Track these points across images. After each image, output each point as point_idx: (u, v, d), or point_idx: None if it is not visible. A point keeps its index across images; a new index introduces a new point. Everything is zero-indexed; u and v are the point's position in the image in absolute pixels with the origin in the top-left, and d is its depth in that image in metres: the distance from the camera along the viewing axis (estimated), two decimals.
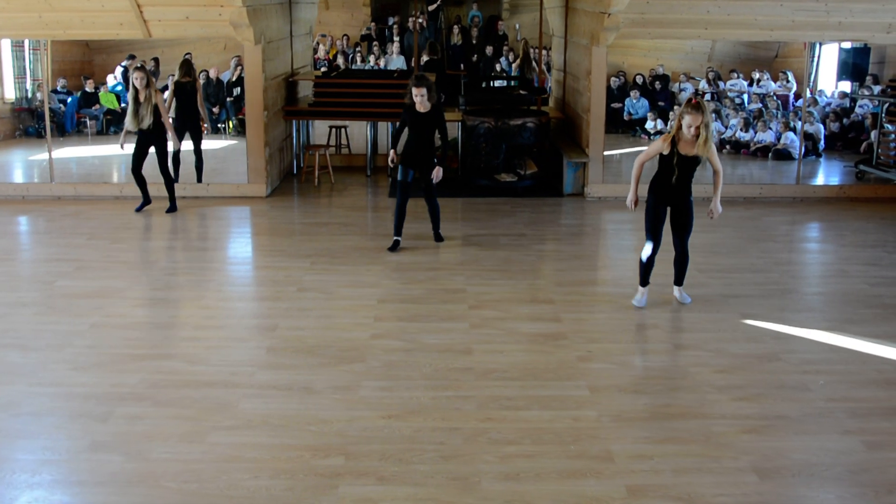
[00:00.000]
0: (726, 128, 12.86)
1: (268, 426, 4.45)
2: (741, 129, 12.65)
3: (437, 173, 7.62)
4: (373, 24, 17.25)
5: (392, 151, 7.76)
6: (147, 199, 9.16)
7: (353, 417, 4.54)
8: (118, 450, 4.19)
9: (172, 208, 9.05)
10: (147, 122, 8.66)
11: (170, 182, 9.06)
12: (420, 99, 7.41)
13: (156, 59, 13.58)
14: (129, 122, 8.76)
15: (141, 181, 9.05)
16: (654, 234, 6.12)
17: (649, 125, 13.80)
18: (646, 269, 6.25)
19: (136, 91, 8.63)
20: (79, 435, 4.34)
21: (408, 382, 4.98)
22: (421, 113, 7.50)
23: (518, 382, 4.99)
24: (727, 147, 12.68)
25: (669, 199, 6.03)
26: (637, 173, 6.05)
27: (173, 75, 10.01)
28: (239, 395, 4.80)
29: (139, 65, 8.87)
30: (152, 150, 8.85)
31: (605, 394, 4.88)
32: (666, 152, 5.93)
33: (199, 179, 9.87)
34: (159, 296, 6.55)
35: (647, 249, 6.16)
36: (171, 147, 8.90)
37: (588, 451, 4.22)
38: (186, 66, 9.75)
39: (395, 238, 7.76)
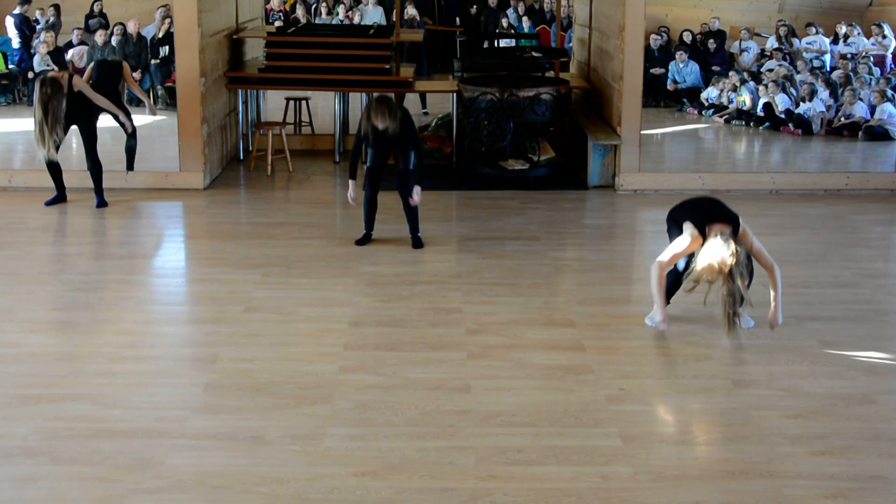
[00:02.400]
0: (801, 100, 12.88)
1: (205, 487, 4.44)
2: (806, 99, 12.65)
3: (417, 194, 7.83)
4: None
5: (351, 185, 7.93)
6: (61, 194, 9.19)
7: (315, 475, 4.54)
8: None
9: (102, 203, 9.10)
10: (58, 144, 8.81)
11: (97, 170, 9.11)
12: (383, 125, 7.59)
13: (56, 7, 13.59)
14: (38, 148, 8.77)
15: (55, 169, 9.08)
16: (678, 257, 6.15)
17: (709, 95, 13.79)
18: (669, 287, 6.28)
19: (47, 101, 8.62)
20: None
21: (387, 429, 4.99)
22: (383, 130, 7.67)
23: (529, 429, 5.00)
24: (790, 126, 12.66)
25: None
26: (661, 283, 6.09)
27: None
28: (167, 446, 4.79)
29: (49, 76, 8.81)
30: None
31: (642, 444, 4.88)
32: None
33: (130, 166, 9.89)
34: (61, 318, 6.54)
35: (675, 266, 6.21)
36: (127, 125, 9.11)
37: None
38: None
39: (366, 231, 8.09)
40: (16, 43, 13.90)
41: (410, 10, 14.93)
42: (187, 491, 4.41)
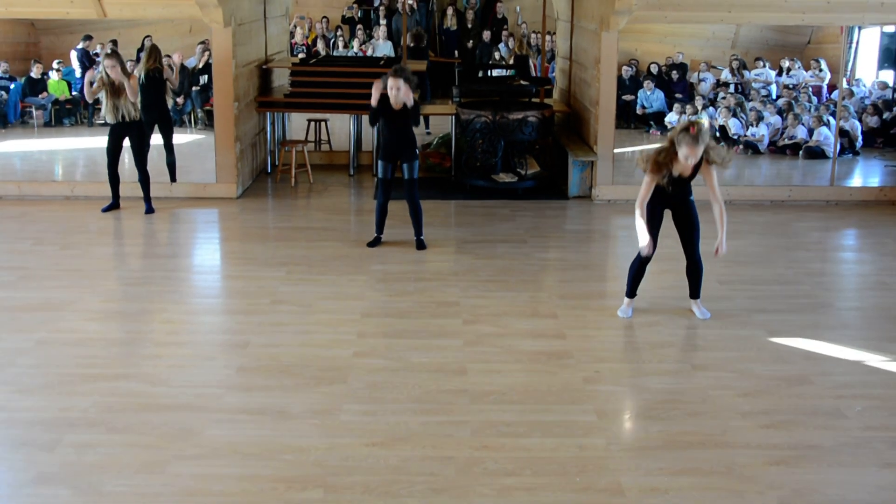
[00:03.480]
0: (751, 124, 12.86)
1: (237, 455, 4.45)
2: (754, 124, 12.66)
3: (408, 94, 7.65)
4: (356, 5, 17.29)
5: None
6: (116, 202, 9.20)
7: (332, 445, 4.55)
8: (67, 482, 4.19)
9: (150, 209, 9.12)
10: (131, 112, 8.86)
11: (146, 181, 9.14)
12: (395, 93, 7.52)
13: (114, 42, 13.57)
14: (108, 117, 8.93)
15: (115, 180, 9.13)
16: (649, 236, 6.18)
17: (670, 119, 13.81)
18: (634, 277, 6.36)
19: (111, 80, 8.75)
20: (22, 466, 4.33)
21: (394, 406, 4.99)
22: (395, 110, 7.66)
23: (517, 406, 5.01)
24: (740, 146, 12.63)
25: (667, 200, 6.15)
26: (643, 213, 6.08)
27: (132, 60, 10.02)
28: (205, 419, 4.80)
29: (110, 50, 8.92)
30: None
31: (615, 419, 4.89)
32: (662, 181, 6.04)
33: (173, 178, 9.91)
34: (115, 308, 6.55)
35: (638, 256, 6.28)
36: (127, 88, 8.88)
37: (595, 484, 4.23)
38: (155, 52, 9.77)
39: (377, 235, 8.06)
40: (79, 73, 13.89)
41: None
42: (222, 458, 4.42)
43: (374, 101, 7.68)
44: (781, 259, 7.86)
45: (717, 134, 13.00)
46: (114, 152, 9.01)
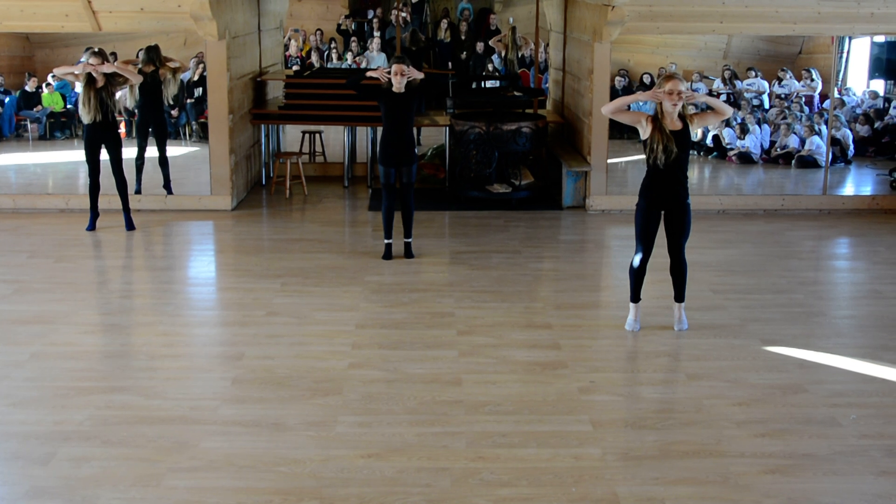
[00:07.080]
0: (738, 137, 12.87)
1: (232, 467, 4.44)
2: (742, 136, 12.68)
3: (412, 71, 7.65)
4: (350, 17, 17.33)
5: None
6: (96, 213, 9.10)
7: (328, 457, 4.53)
8: (61, 496, 4.16)
9: (130, 226, 8.87)
10: (112, 112, 8.62)
11: (124, 188, 8.86)
12: (399, 79, 7.54)
13: (114, 55, 13.60)
14: (86, 116, 8.57)
15: (97, 191, 8.86)
16: (644, 240, 6.16)
17: None
18: (636, 280, 6.26)
19: (93, 79, 8.47)
20: (16, 480, 4.31)
21: (389, 417, 4.98)
22: (397, 94, 7.61)
23: (513, 417, 5.00)
24: (735, 158, 12.65)
25: (662, 201, 6.08)
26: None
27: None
28: (200, 432, 4.78)
29: (97, 49, 8.68)
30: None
31: (610, 429, 4.88)
32: (644, 134, 6.02)
33: (167, 181, 9.89)
34: (110, 321, 6.53)
35: (636, 258, 6.22)
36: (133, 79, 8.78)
37: (591, 494, 4.22)
38: (152, 52, 9.68)
39: (386, 241, 7.95)
40: (74, 87, 13.89)
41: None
42: (217, 470, 4.41)
43: (382, 77, 7.69)
44: (775, 268, 7.87)
45: (711, 143, 13.04)
46: (94, 162, 8.72)
